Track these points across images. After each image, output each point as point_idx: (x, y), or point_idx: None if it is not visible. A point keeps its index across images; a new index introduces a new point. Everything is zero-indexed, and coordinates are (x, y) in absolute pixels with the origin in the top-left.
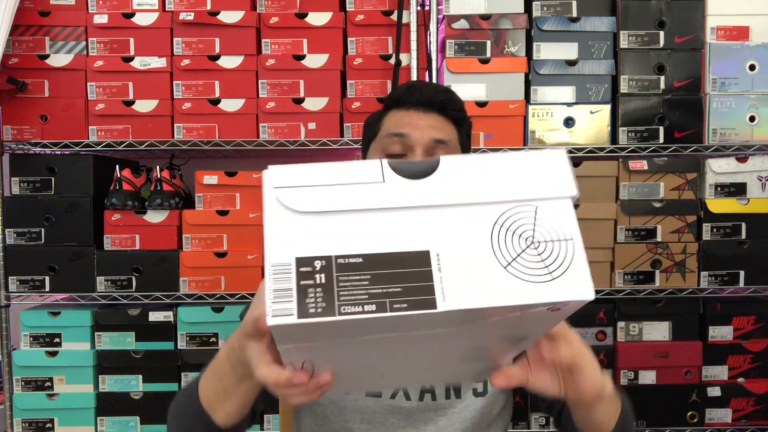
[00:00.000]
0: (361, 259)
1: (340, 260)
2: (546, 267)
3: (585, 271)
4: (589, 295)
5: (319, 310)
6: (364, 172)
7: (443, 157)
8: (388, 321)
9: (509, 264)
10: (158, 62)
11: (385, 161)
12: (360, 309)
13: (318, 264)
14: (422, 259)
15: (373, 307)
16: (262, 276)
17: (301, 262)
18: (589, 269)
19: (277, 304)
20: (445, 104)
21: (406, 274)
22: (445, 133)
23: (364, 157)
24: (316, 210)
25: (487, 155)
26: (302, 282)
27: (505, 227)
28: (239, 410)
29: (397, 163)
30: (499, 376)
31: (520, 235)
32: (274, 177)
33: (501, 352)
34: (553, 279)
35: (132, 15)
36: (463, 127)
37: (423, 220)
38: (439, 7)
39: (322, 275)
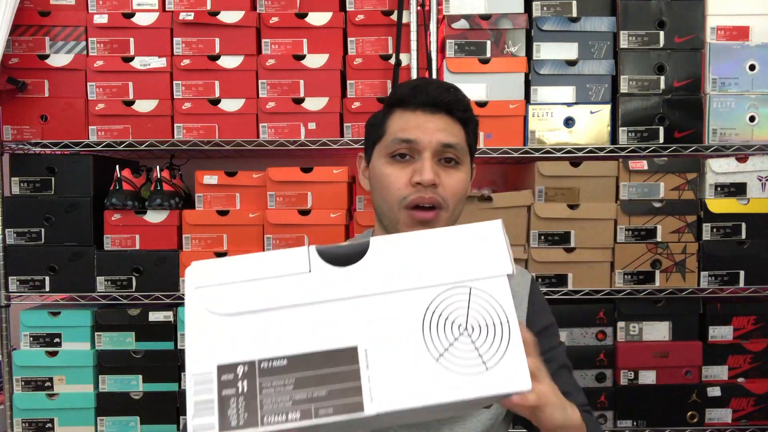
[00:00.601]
0: (285, 362)
1: (264, 364)
2: (480, 357)
3: (520, 359)
4: (525, 386)
5: (242, 422)
6: (290, 263)
7: (373, 240)
8: (316, 427)
9: (441, 356)
10: (158, 62)
11: (312, 248)
12: (284, 417)
13: (240, 370)
14: (349, 356)
15: (298, 415)
16: None
17: (222, 369)
18: (524, 355)
19: (198, 419)
20: (452, 105)
21: (332, 375)
22: (453, 135)
23: (367, 159)
24: (239, 311)
25: (420, 233)
26: (224, 392)
27: (437, 314)
28: None
29: (324, 249)
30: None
31: (452, 322)
32: (196, 276)
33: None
34: (488, 370)
35: (132, 15)
36: (469, 126)
37: (351, 312)
38: (439, 7)
39: (245, 382)
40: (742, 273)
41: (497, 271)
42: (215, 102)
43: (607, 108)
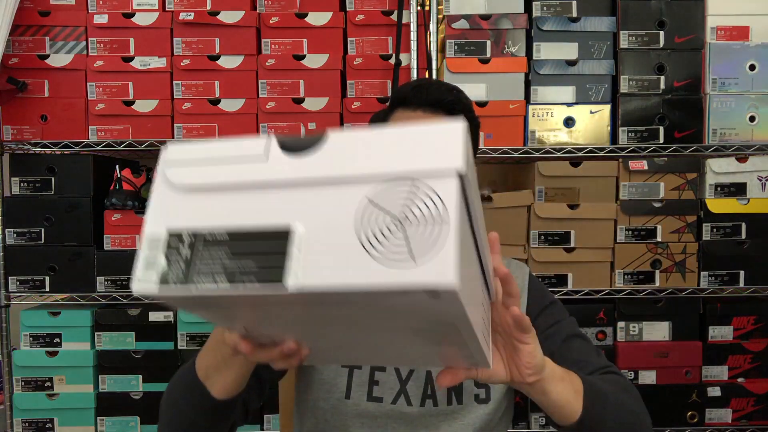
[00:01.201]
0: (226, 236)
1: (208, 236)
2: (409, 250)
3: (451, 257)
4: (448, 281)
5: (178, 283)
6: (250, 149)
7: (332, 132)
8: (245, 297)
9: (371, 245)
10: (158, 62)
11: (273, 137)
12: (214, 284)
13: (186, 238)
14: (283, 236)
15: (225, 281)
16: None
17: (172, 234)
18: (458, 256)
19: (143, 273)
20: (453, 105)
21: (265, 251)
22: None
23: None
24: (196, 187)
25: (382, 128)
26: (169, 254)
27: (375, 204)
28: (235, 382)
29: (284, 138)
30: (445, 376)
31: (389, 214)
32: (167, 155)
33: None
34: (414, 262)
35: (132, 15)
36: (469, 128)
37: (297, 197)
38: (439, 7)
39: (189, 249)
40: (742, 273)
41: (447, 167)
42: (215, 102)
43: (607, 108)
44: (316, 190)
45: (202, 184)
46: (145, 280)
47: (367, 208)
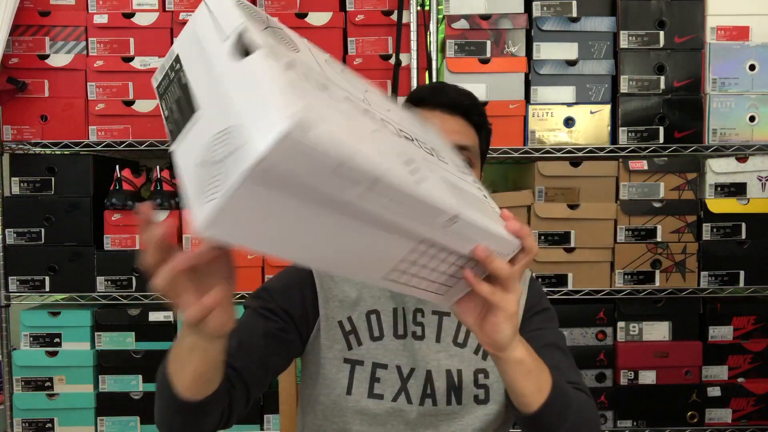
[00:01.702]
0: (184, 84)
1: (182, 77)
2: (204, 187)
3: (210, 212)
4: (202, 230)
5: (159, 93)
6: (230, 24)
7: (261, 53)
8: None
9: (199, 168)
10: (158, 62)
11: (244, 26)
12: (162, 108)
13: (177, 67)
14: (195, 113)
15: (166, 113)
16: (262, 276)
17: (176, 59)
18: (216, 215)
19: (157, 72)
20: (470, 109)
21: (185, 114)
22: (468, 138)
23: None
24: (199, 33)
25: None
26: (168, 72)
27: (218, 138)
28: (198, 378)
29: (245, 30)
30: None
31: (215, 152)
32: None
33: None
34: (197, 203)
35: (132, 15)
36: (482, 132)
37: (218, 86)
38: (439, 7)
39: (174, 73)
40: (742, 273)
41: (257, 149)
42: None
43: (607, 108)
44: (222, 91)
45: (200, 33)
46: (155, 78)
47: (216, 136)
